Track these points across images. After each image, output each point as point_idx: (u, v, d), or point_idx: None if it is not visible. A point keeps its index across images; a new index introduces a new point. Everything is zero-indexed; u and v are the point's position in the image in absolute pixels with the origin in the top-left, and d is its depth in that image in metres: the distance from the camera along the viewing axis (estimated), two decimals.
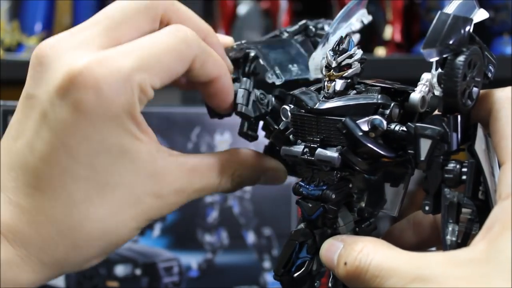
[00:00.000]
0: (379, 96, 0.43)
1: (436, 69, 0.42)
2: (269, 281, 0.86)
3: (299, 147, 0.44)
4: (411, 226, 0.49)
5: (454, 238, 0.41)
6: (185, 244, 0.86)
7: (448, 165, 0.41)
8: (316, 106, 0.43)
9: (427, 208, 0.42)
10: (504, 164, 0.40)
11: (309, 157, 0.43)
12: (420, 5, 1.14)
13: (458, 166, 0.41)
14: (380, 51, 1.15)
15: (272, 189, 0.85)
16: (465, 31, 0.40)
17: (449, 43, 0.40)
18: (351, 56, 0.44)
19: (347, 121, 0.42)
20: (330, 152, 0.43)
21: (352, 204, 0.46)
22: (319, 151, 0.43)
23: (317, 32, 0.52)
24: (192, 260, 0.86)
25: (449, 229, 0.41)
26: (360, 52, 0.44)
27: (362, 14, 0.51)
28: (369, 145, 0.41)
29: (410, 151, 0.42)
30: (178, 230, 0.86)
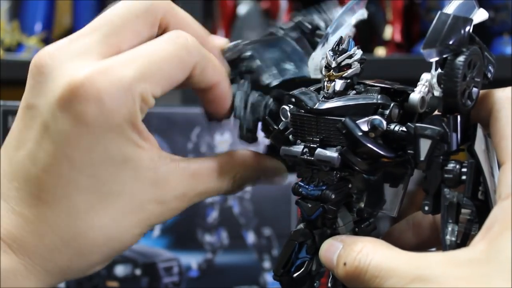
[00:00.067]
0: (378, 96, 0.43)
1: (436, 69, 0.42)
2: (269, 281, 0.86)
3: (298, 147, 0.44)
4: (411, 227, 0.49)
5: (453, 238, 0.41)
6: (185, 244, 0.86)
7: (448, 165, 0.41)
8: (316, 106, 0.43)
9: (426, 208, 0.42)
10: (504, 164, 0.40)
11: (309, 157, 0.43)
12: (420, 5, 1.14)
13: (457, 166, 0.41)
14: (380, 51, 1.15)
15: (272, 189, 0.85)
16: (465, 31, 0.40)
17: (449, 43, 0.40)
18: (350, 56, 0.44)
19: (347, 121, 0.42)
20: (330, 152, 0.43)
21: (352, 205, 0.46)
22: (319, 151, 0.43)
23: (313, 28, 0.52)
24: (192, 260, 0.86)
25: (448, 229, 0.41)
26: (359, 52, 0.44)
27: (362, 14, 0.51)
28: (368, 145, 0.41)
29: (410, 151, 0.42)
30: (178, 230, 0.86)
